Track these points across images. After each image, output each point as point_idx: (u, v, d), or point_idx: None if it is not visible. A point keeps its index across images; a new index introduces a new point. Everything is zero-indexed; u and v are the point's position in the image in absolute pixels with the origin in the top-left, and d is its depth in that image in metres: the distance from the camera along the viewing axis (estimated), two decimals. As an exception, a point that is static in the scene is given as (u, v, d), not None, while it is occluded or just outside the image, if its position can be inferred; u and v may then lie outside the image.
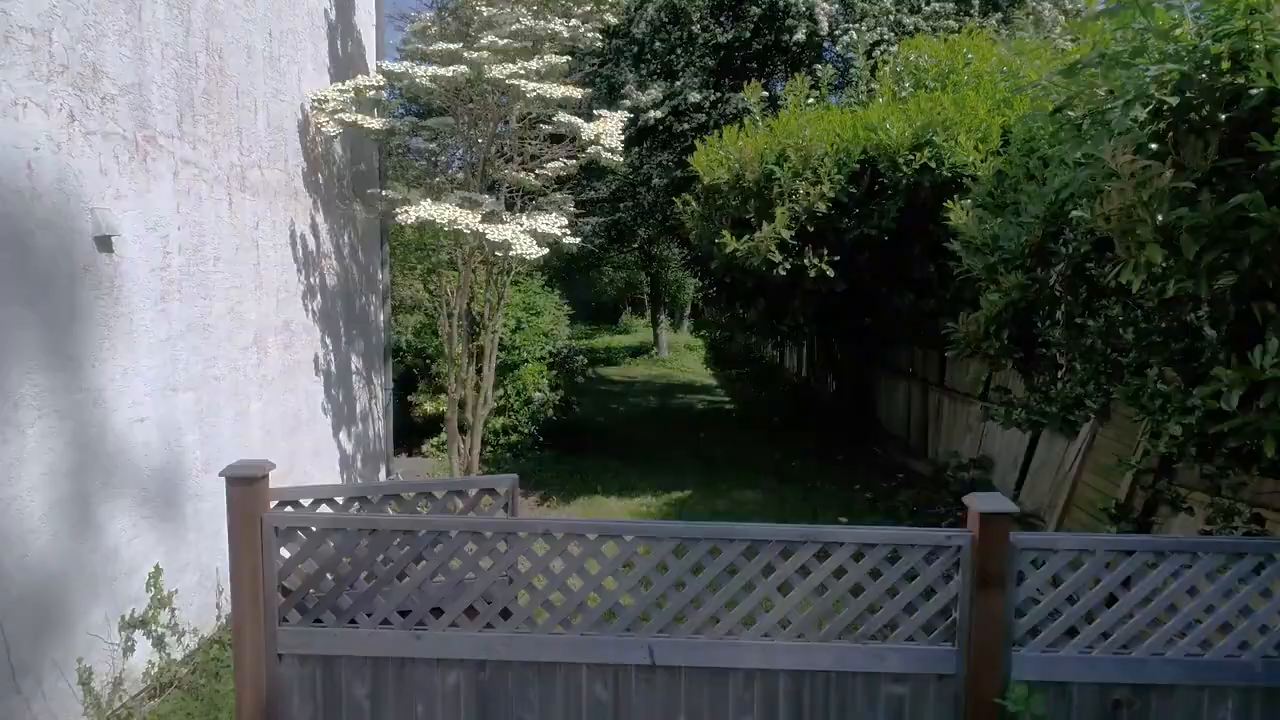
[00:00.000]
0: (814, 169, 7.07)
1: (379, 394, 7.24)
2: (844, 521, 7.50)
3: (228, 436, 4.62)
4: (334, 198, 6.10)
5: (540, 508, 7.89)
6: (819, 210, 6.87)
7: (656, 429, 12.05)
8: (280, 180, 5.28)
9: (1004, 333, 4.89)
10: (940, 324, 7.94)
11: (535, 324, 9.42)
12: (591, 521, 2.63)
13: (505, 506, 3.06)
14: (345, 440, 6.42)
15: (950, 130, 6.66)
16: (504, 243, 5.43)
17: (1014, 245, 4.93)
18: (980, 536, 2.52)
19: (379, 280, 7.20)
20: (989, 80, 7.10)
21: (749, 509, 7.88)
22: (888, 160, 6.89)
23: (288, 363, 5.42)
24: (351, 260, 6.54)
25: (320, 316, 5.93)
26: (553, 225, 5.72)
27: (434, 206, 5.42)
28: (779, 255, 6.91)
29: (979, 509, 2.52)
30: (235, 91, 4.69)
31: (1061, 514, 6.34)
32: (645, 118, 8.89)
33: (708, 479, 9.03)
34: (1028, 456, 7.24)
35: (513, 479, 3.07)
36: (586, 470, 9.20)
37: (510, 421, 9.42)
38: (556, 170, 6.83)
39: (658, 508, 7.93)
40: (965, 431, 8.31)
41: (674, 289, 23.23)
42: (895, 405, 10.22)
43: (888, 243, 7.31)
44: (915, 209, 7.19)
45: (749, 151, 7.17)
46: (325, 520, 2.68)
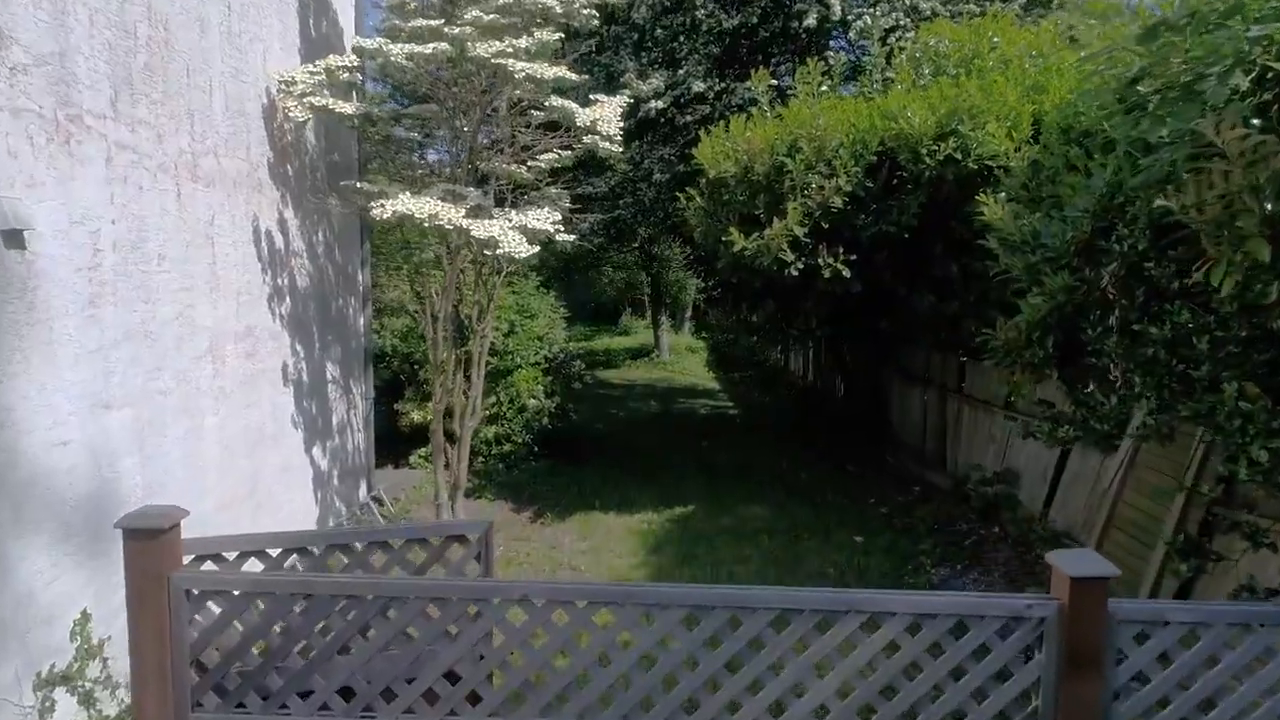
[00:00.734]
0: (828, 161, 6.54)
1: (359, 403, 6.71)
2: (859, 541, 6.99)
3: (176, 458, 4.10)
4: (306, 191, 5.58)
5: (533, 525, 7.37)
6: (834, 205, 6.35)
7: (658, 436, 11.52)
8: (241, 170, 4.76)
9: (1048, 340, 4.37)
10: (963, 327, 7.44)
11: (529, 327, 8.89)
12: (581, 586, 2.10)
13: (478, 556, 2.53)
14: (319, 454, 5.89)
15: (977, 118, 6.13)
16: (490, 240, 4.91)
17: (1058, 242, 4.40)
18: (1070, 605, 1.99)
19: (358, 281, 6.67)
20: (1017, 65, 6.58)
21: (756, 525, 7.36)
22: (908, 151, 6.36)
23: (250, 372, 4.89)
24: (327, 259, 6.01)
25: (290, 321, 5.40)
26: (544, 221, 5.20)
27: (413, 200, 4.90)
28: (791, 254, 6.38)
29: (1069, 571, 2.00)
30: (185, 69, 4.17)
31: (1100, 535, 5.81)
32: (646, 108, 8.36)
33: (712, 491, 8.50)
34: (1058, 470, 6.72)
35: (486, 525, 2.55)
36: (584, 482, 8.67)
37: (503, 430, 8.89)
38: (550, 162, 6.31)
39: (659, 525, 7.40)
40: (988, 442, 7.78)
41: (675, 289, 22.69)
42: (909, 412, 9.69)
43: (907, 240, 6.79)
44: (937, 204, 6.67)
45: (758, 142, 6.65)
46: (249, 581, 2.16)
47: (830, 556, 6.61)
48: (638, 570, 6.28)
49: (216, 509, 4.57)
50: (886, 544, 6.90)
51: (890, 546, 6.86)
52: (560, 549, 6.77)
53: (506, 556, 6.47)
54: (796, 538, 7.05)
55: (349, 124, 5.55)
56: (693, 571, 6.21)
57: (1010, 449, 7.40)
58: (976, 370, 7.97)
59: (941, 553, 6.68)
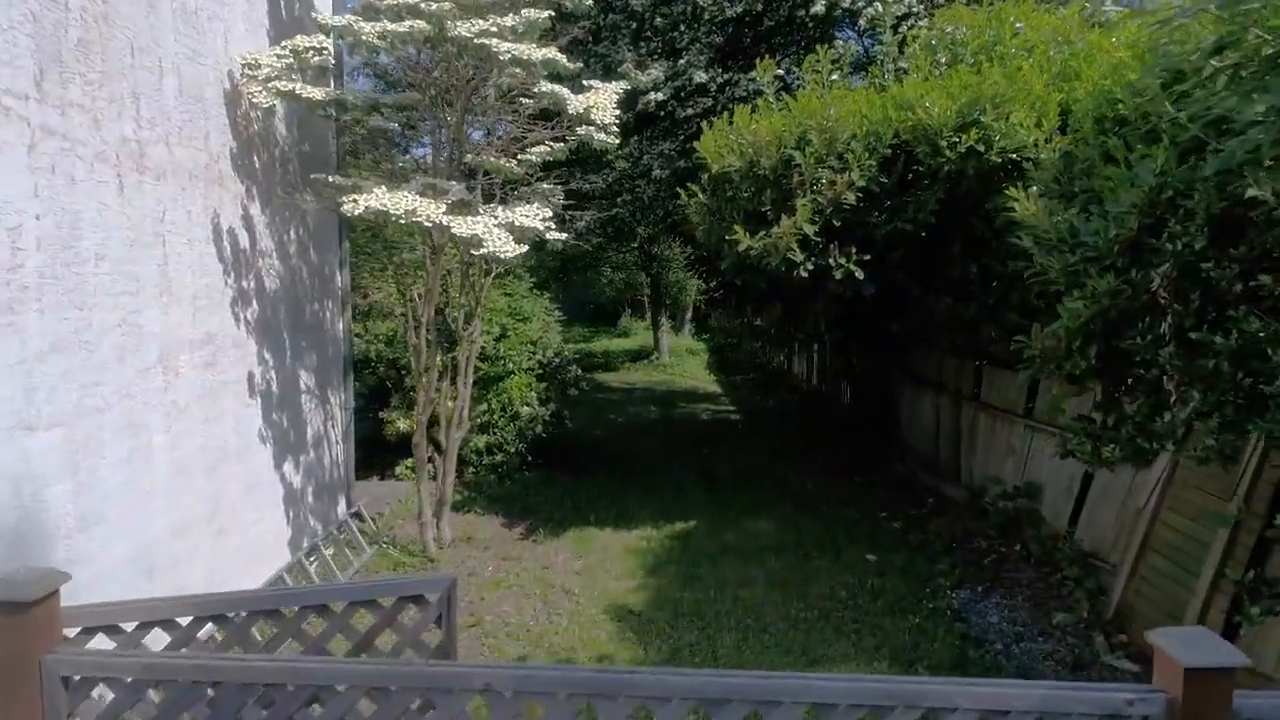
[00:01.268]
0: (839, 154, 6.10)
1: (337, 414, 6.28)
2: (872, 560, 6.55)
3: (116, 483, 3.66)
4: (276, 186, 5.14)
5: (525, 541, 6.93)
6: (847, 202, 5.91)
7: (657, 443, 11.09)
8: (198, 162, 4.32)
9: (1091, 349, 3.93)
10: (983, 331, 7.02)
11: (522, 331, 8.46)
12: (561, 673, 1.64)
13: (439, 619, 2.08)
14: (291, 471, 5.46)
15: (1001, 107, 5.69)
16: (474, 238, 4.48)
17: (1100, 241, 3.97)
18: (1185, 702, 1.56)
19: (336, 283, 6.23)
20: (1042, 51, 6.14)
21: (762, 542, 6.92)
22: (926, 144, 5.92)
23: (210, 384, 4.46)
24: (300, 260, 5.57)
25: (257, 327, 4.97)
26: (533, 218, 4.77)
27: (388, 195, 4.47)
28: (800, 254, 5.94)
29: (1183, 660, 1.56)
30: (129, 47, 3.73)
31: (1135, 559, 5.38)
32: (645, 100, 7.92)
33: (714, 504, 8.07)
34: (1084, 484, 6.28)
35: (448, 581, 2.10)
36: (580, 494, 8.24)
37: (494, 440, 8.46)
38: (543, 155, 5.89)
39: (658, 542, 6.97)
40: (1006, 453, 7.35)
41: (675, 290, 22.24)
42: (920, 419, 9.25)
43: (923, 239, 6.36)
44: (956, 200, 6.24)
45: (764, 134, 6.21)
46: (142, 666, 1.71)
47: (841, 577, 6.17)
48: (635, 594, 5.85)
49: (171, 535, 4.13)
50: (901, 563, 6.47)
51: (905, 566, 6.42)
52: (553, 569, 6.33)
53: (495, 579, 6.03)
54: (805, 556, 6.62)
55: (322, 113, 5.12)
56: (695, 595, 5.78)
57: (1031, 461, 6.97)
58: (994, 376, 7.54)
59: (961, 573, 6.24)
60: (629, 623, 5.39)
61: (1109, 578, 5.71)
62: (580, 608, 5.62)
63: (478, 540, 6.82)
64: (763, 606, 5.63)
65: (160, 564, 4.02)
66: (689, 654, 4.91)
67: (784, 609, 5.60)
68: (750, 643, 5.07)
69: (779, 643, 5.07)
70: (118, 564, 3.71)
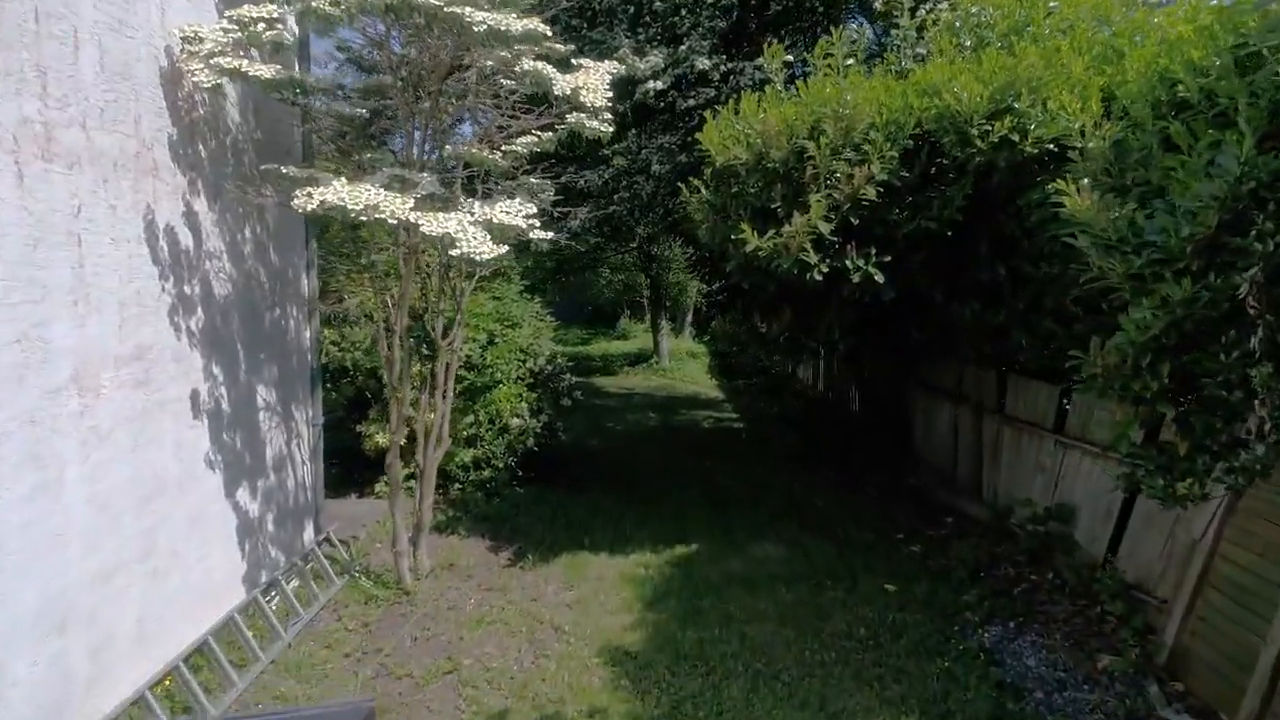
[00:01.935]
0: (857, 145, 5.54)
1: (303, 431, 5.70)
2: (891, 590, 5.97)
3: (16, 524, 3.10)
4: (227, 178, 4.57)
5: (512, 568, 6.35)
6: (865, 197, 5.34)
7: (657, 455, 10.51)
8: (125, 149, 3.75)
9: (1164, 366, 3.36)
10: (1013, 339, 6.45)
11: (511, 338, 7.88)
12: None
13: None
14: (246, 498, 4.88)
15: (1038, 92, 5.13)
16: (445, 237, 3.91)
17: (1171, 241, 3.41)
18: None
19: (302, 287, 5.66)
20: (1081, 32, 5.57)
21: (770, 569, 6.35)
22: (954, 133, 5.36)
23: (142, 405, 3.89)
24: (258, 262, 5.00)
25: (203, 338, 4.39)
26: (515, 215, 4.20)
27: (346, 188, 3.90)
28: (814, 255, 5.37)
29: None
30: (32, 12, 3.16)
31: (1192, 597, 4.81)
32: (644, 90, 7.36)
33: (718, 524, 7.50)
34: (1125, 508, 5.71)
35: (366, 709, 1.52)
36: (573, 513, 7.67)
37: (482, 453, 7.89)
38: (529, 146, 5.32)
39: (658, 569, 6.39)
40: (1034, 470, 6.77)
41: (675, 291, 21.65)
42: (937, 431, 8.68)
43: (948, 239, 5.79)
44: (985, 196, 5.68)
45: (774, 123, 5.64)
46: None
47: (859, 611, 5.60)
48: (632, 632, 5.27)
49: (92, 581, 3.56)
50: (923, 594, 5.90)
51: (928, 597, 5.85)
52: (542, 601, 5.76)
53: (477, 614, 5.46)
54: (818, 586, 6.04)
55: (278, 96, 4.54)
56: (698, 633, 5.21)
57: (1063, 480, 6.40)
58: (1021, 387, 6.97)
59: (990, 606, 5.67)
60: (625, 667, 4.82)
61: (1157, 615, 5.14)
62: (571, 649, 5.05)
63: (460, 568, 6.24)
64: (773, 647, 5.07)
65: (76, 616, 3.45)
66: (692, 708, 4.34)
67: (797, 650, 5.03)
68: (761, 693, 4.50)
69: (793, 693, 4.50)
70: (20, 619, 3.14)
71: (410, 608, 5.51)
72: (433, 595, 5.70)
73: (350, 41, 5.10)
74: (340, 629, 5.17)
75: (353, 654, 4.87)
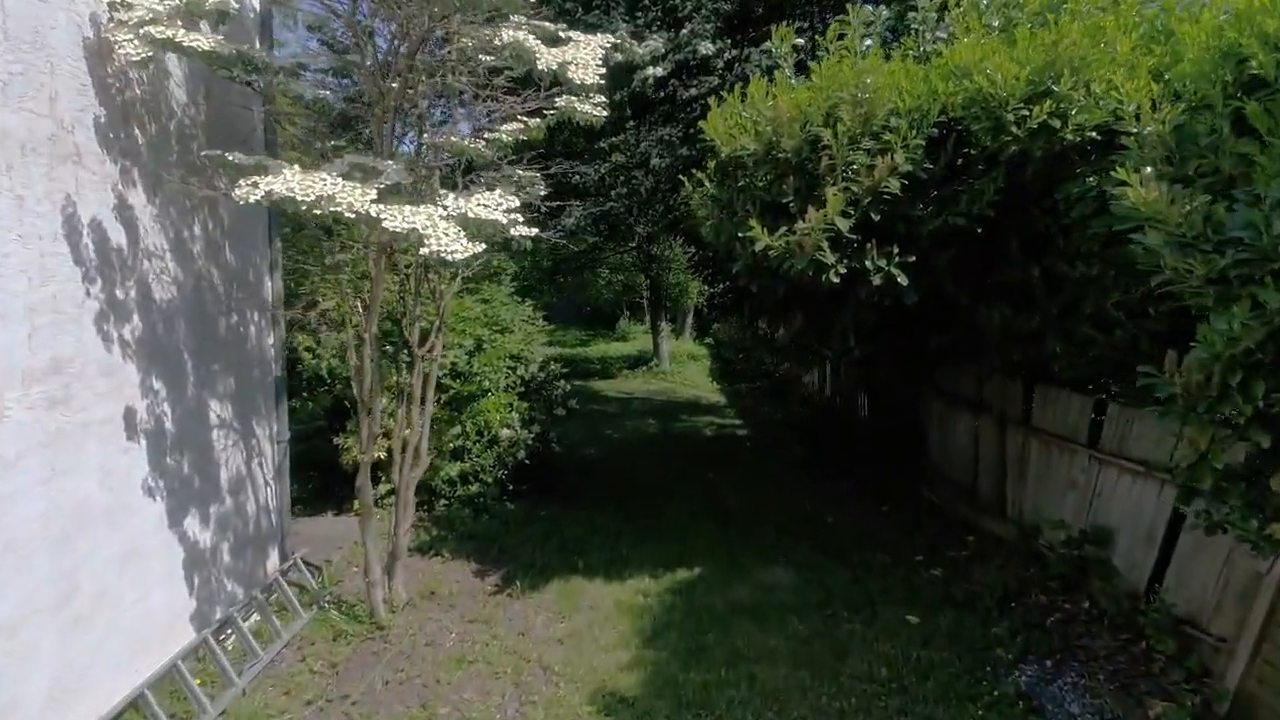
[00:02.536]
0: (877, 133, 5.02)
1: (266, 449, 5.17)
2: (914, 623, 5.44)
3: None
4: (169, 167, 4.04)
5: (499, 596, 5.82)
6: (888, 190, 4.82)
7: (657, 465, 9.98)
8: (36, 130, 3.23)
9: (1258, 386, 2.83)
10: (1046, 346, 5.92)
11: (501, 344, 7.35)
12: None
13: None
14: (195, 527, 4.35)
15: (1081, 73, 4.61)
16: (411, 233, 3.38)
17: (1263, 238, 2.90)
18: None
19: (264, 290, 5.13)
20: (1127, 9, 5.04)
21: (781, 598, 5.82)
22: (986, 119, 4.83)
23: (59, 427, 3.36)
24: (210, 262, 4.47)
25: (140, 348, 3.87)
26: (494, 209, 3.67)
27: (297, 177, 3.37)
28: (831, 254, 4.84)
29: None
30: (-93, -38, 2.64)
31: (1259, 637, 4.28)
32: (642, 77, 6.84)
33: (722, 544, 6.97)
34: (1170, 532, 5.19)
35: None
36: (567, 531, 7.14)
37: (470, 467, 7.36)
38: (515, 133, 4.80)
39: (658, 597, 5.86)
40: (1065, 488, 6.25)
41: (676, 292, 21.10)
42: (955, 442, 8.15)
43: (976, 237, 5.27)
44: (1017, 190, 5.15)
45: (786, 110, 5.12)
46: None
47: (879, 647, 5.08)
48: (629, 673, 4.75)
49: (-4, 635, 3.04)
50: (949, 626, 5.37)
51: (954, 629, 5.32)
52: (530, 635, 5.23)
53: (457, 652, 4.93)
54: (833, 617, 5.52)
55: (226, 73, 4.02)
56: (702, 675, 4.68)
57: (1099, 499, 5.87)
58: (1051, 397, 6.44)
59: (1023, 641, 5.15)
60: (620, 716, 4.29)
61: (1215, 655, 4.62)
62: (560, 694, 4.52)
63: (442, 596, 5.71)
64: (786, 692, 4.54)
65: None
66: (695, 769, 3.82)
67: (813, 696, 4.50)
68: (774, 750, 3.98)
69: (810, 751, 3.98)
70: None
71: (384, 644, 4.98)
72: (409, 629, 5.17)
73: (319, 14, 4.57)
74: (304, 670, 4.64)
75: (315, 700, 4.35)
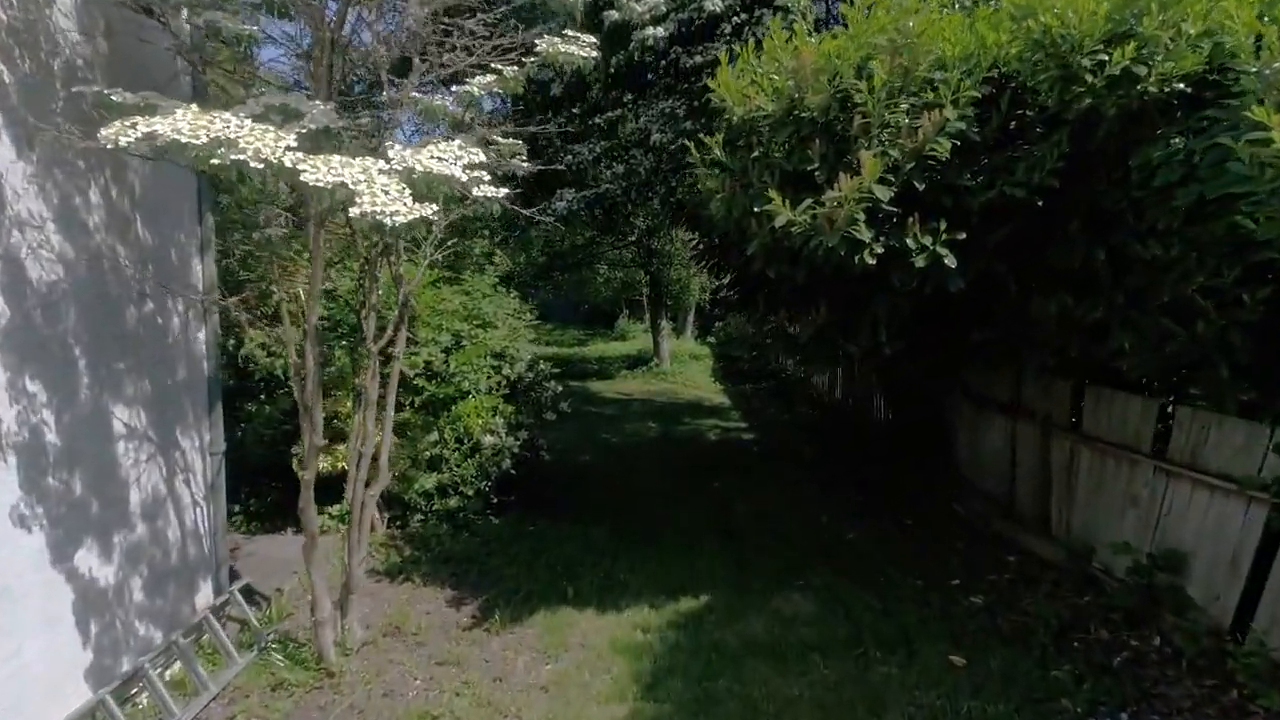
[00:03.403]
0: (920, 89, 4.23)
1: (195, 463, 4.37)
2: (959, 665, 4.65)
3: None
4: (48, 115, 3.23)
5: (476, 630, 5.03)
6: (934, 153, 4.03)
7: (657, 472, 9.18)
8: None
9: None
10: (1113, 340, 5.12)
11: (482, 340, 6.55)
12: None
13: None
14: (91, 561, 3.55)
15: (1171, 9, 3.82)
16: (338, 189, 2.58)
17: None
18: None
19: (193, 274, 4.33)
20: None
21: (802, 634, 5.02)
22: (1053, 68, 4.04)
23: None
24: (114, 238, 3.67)
25: (4, 341, 3.07)
26: (451, 163, 2.87)
27: (188, 116, 2.58)
28: (867, 230, 4.05)
29: None
30: None
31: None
32: (641, 38, 6.04)
33: (732, 566, 6.16)
34: (1261, 556, 4.40)
35: None
36: (556, 551, 6.34)
37: (448, 478, 6.56)
38: (488, 87, 4.01)
39: (659, 632, 5.06)
40: (1124, 504, 5.45)
41: (677, 289, 20.30)
42: (986, 448, 7.37)
43: (1036, 212, 4.48)
44: (1085, 156, 4.37)
45: (811, 61, 4.32)
46: None
47: (921, 698, 4.27)
48: (625, 734, 3.95)
49: None
50: (1001, 669, 4.56)
51: (1007, 673, 4.52)
52: (509, 681, 4.44)
53: (420, 708, 4.12)
54: (864, 658, 4.71)
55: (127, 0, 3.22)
56: (713, 735, 3.89)
57: (1167, 518, 5.07)
58: (1105, 400, 5.64)
59: (1091, 690, 4.34)
60: (613, 794, 3.51)
61: (1332, 712, 3.83)
62: (541, 762, 3.73)
63: (408, 633, 4.91)
64: (815, 757, 3.75)
65: None
66: None
67: (847, 762, 3.71)
68: (805, 843, 3.18)
69: (851, 845, 3.18)
70: None
71: (333, 695, 4.18)
72: (365, 676, 4.36)
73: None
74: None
75: (242, 773, 3.57)
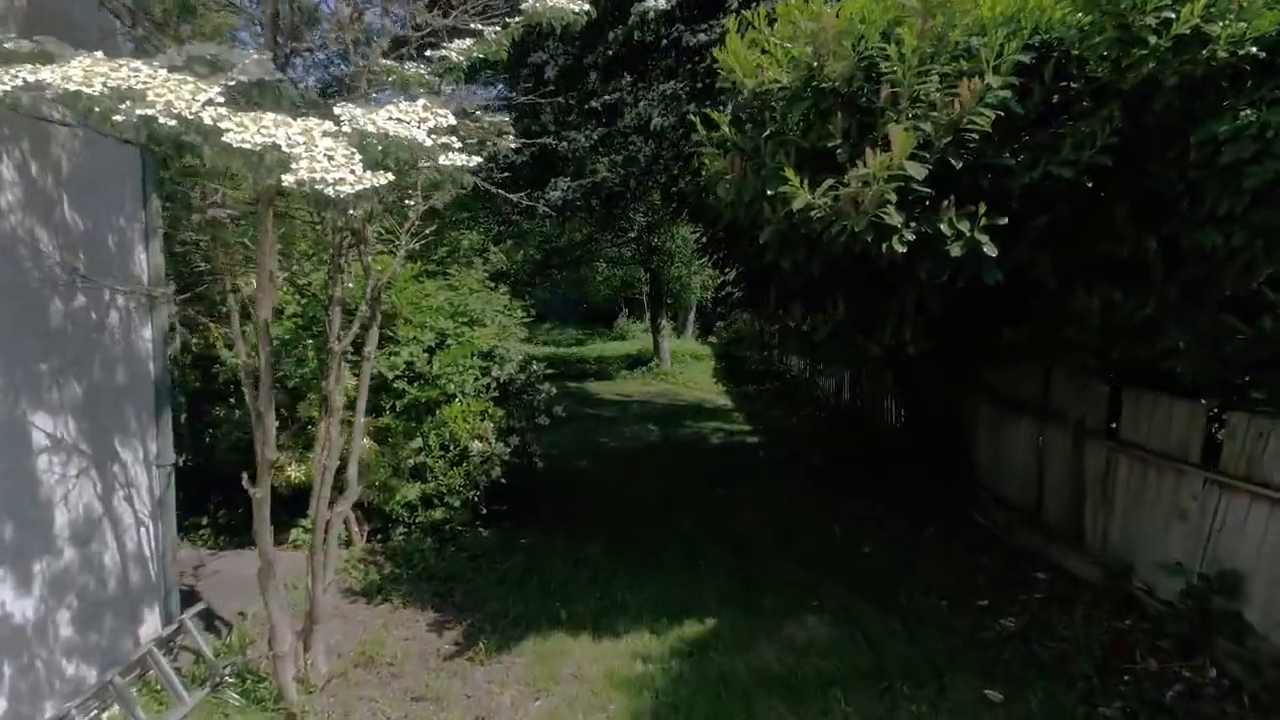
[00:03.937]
0: (953, 54, 3.75)
1: (140, 478, 3.88)
2: (996, 701, 4.17)
3: None
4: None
5: (458, 659, 4.55)
6: (973, 126, 3.55)
7: (658, 480, 8.70)
8: None
9: None
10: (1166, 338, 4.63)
11: (469, 339, 6.07)
12: None
13: None
14: (5, 596, 3.07)
15: (1247, -40, 3.35)
16: (269, 152, 2.11)
17: None
18: None
19: (136, 264, 3.84)
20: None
21: (819, 664, 4.53)
22: (1111, 29, 3.56)
23: None
24: (36, 222, 3.19)
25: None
26: (413, 125, 2.39)
27: (85, 63, 2.11)
28: (897, 214, 3.57)
29: None
30: None
31: None
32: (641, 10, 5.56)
33: (740, 584, 5.67)
34: (1332, 582, 3.93)
35: None
36: (548, 567, 5.86)
37: (432, 488, 6.08)
38: (466, 52, 3.53)
39: (661, 661, 4.57)
40: (1169, 518, 4.97)
41: (678, 287, 19.82)
42: (1011, 455, 6.89)
43: (1083, 195, 4.00)
44: (1140, 132, 3.88)
45: (833, 24, 3.84)
46: None
47: (957, 740, 3.80)
48: (623, 788, 3.47)
49: None
50: (1041, 706, 4.08)
51: (1049, 710, 4.04)
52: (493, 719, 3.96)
53: (389, 753, 3.65)
54: (889, 692, 4.23)
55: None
56: (723, 789, 3.41)
57: (1219, 534, 4.59)
58: (1147, 404, 5.16)
59: (1146, 730, 3.86)
60: None
61: None
62: (526, 822, 3.25)
63: (382, 663, 4.43)
64: (841, 818, 3.27)
65: None
66: None
67: (878, 825, 3.23)
68: None
69: None
70: None
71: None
72: (330, 715, 3.88)
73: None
74: (175, 785, 3.38)
75: (181, 837, 3.08)
